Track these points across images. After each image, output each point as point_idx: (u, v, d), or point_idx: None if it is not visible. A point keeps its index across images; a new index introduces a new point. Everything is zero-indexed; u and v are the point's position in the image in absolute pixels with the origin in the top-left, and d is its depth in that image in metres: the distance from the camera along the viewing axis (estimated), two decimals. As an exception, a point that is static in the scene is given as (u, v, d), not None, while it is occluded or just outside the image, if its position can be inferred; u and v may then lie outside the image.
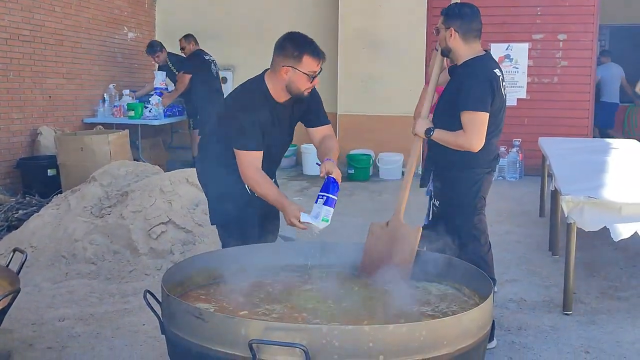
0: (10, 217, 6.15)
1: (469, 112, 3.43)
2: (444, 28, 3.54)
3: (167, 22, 10.62)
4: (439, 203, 3.70)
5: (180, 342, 2.50)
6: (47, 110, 7.91)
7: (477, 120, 3.42)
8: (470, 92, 3.42)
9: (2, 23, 7.06)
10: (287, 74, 3.28)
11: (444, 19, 3.56)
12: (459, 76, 3.53)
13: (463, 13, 3.56)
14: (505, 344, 3.78)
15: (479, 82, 3.43)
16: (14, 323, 3.88)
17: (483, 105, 3.43)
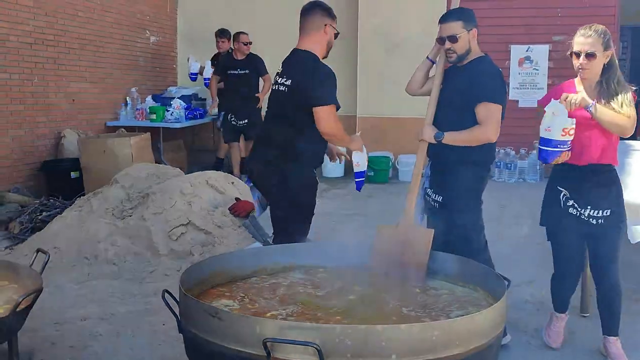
0: (34, 218, 6.26)
1: (487, 103, 3.53)
2: (467, 31, 3.61)
3: (188, 26, 10.74)
4: (441, 198, 3.70)
5: (197, 341, 2.56)
6: (70, 114, 8.05)
7: (495, 111, 3.53)
8: (488, 84, 3.55)
9: (27, 28, 7.20)
10: (329, 31, 3.89)
11: (463, 24, 3.63)
12: (468, 72, 3.61)
13: (474, 15, 3.73)
14: (521, 345, 3.79)
15: (494, 76, 3.61)
16: (38, 322, 3.96)
17: (500, 97, 3.57)
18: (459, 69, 3.69)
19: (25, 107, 7.25)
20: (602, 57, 3.37)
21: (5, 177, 6.99)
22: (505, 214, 7.10)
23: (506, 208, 7.28)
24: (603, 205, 3.44)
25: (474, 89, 3.55)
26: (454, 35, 3.60)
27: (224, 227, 5.15)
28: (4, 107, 6.91)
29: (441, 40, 3.67)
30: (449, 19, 3.65)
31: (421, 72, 3.89)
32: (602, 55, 3.36)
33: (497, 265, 4.93)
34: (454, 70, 3.71)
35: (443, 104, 3.65)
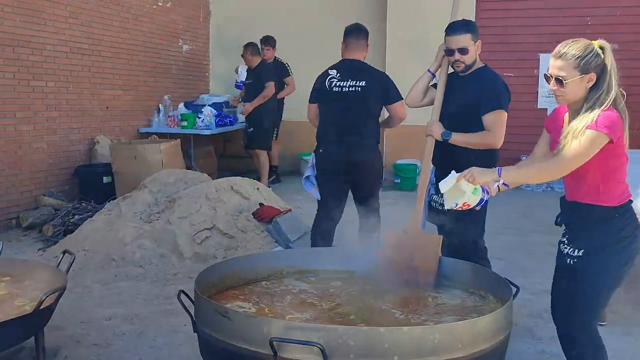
0: (67, 221, 6.46)
1: (497, 111, 3.67)
2: (474, 43, 3.76)
3: (221, 34, 10.92)
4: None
5: (209, 339, 2.67)
6: (104, 120, 8.27)
7: (502, 119, 3.70)
8: (495, 93, 3.70)
9: (63, 37, 7.43)
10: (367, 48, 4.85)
11: (472, 36, 3.76)
12: (474, 82, 3.74)
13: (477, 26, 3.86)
14: (536, 353, 3.81)
15: (500, 84, 3.75)
16: (65, 321, 4.12)
17: (505, 105, 3.72)
18: (462, 78, 3.80)
19: (61, 113, 7.47)
20: (578, 82, 2.79)
21: (41, 181, 7.21)
22: (526, 222, 7.10)
23: (531, 217, 7.27)
24: (579, 244, 2.92)
25: (484, 97, 3.67)
26: (465, 47, 3.72)
27: (248, 231, 5.26)
28: (40, 113, 7.14)
29: (450, 52, 3.77)
30: (459, 32, 3.75)
31: (422, 84, 4.02)
32: (578, 80, 2.78)
33: (517, 273, 4.98)
34: (458, 80, 3.81)
35: (450, 113, 3.74)
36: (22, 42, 6.82)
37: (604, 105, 2.79)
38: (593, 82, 2.81)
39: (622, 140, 2.82)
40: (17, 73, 6.78)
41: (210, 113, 9.21)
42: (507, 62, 9.76)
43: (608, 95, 2.80)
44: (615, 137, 2.75)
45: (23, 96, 6.88)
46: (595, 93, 2.81)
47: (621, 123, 2.79)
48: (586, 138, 2.74)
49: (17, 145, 6.86)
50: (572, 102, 2.87)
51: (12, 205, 6.82)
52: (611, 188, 2.87)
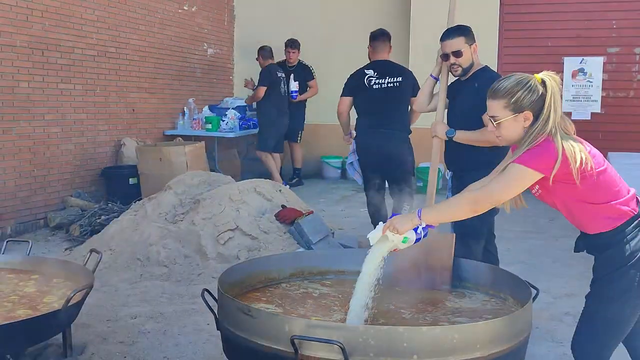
0: (93, 222, 6.57)
1: None
2: (469, 46, 3.86)
3: (245, 38, 11.01)
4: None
5: (232, 337, 2.72)
6: (130, 123, 8.39)
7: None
8: None
9: (91, 41, 7.56)
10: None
11: (466, 39, 3.86)
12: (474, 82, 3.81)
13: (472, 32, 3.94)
14: (557, 356, 3.81)
15: None
16: (91, 319, 4.21)
17: None
18: (463, 83, 3.91)
19: (88, 116, 7.61)
20: (512, 122, 2.65)
21: (68, 182, 7.35)
22: (552, 226, 7.07)
23: (555, 221, 7.24)
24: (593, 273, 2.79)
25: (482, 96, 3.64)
26: (459, 50, 3.83)
27: (270, 233, 5.32)
28: (67, 115, 7.28)
29: (445, 57, 3.88)
30: (452, 36, 3.86)
31: (427, 89, 4.12)
32: (511, 120, 2.65)
33: (540, 277, 4.97)
34: (459, 84, 3.93)
35: (455, 116, 3.85)
36: (51, 45, 6.97)
37: (536, 140, 2.61)
38: (530, 120, 2.64)
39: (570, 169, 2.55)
40: (46, 76, 6.92)
41: (234, 116, 9.32)
42: (531, 66, 9.61)
43: (544, 129, 2.61)
44: (546, 170, 2.56)
45: (52, 99, 7.03)
46: (531, 129, 2.64)
47: (554, 154, 2.55)
48: (507, 172, 2.64)
49: (45, 146, 7.00)
50: (513, 142, 2.73)
51: (40, 206, 6.96)
52: (594, 216, 2.65)
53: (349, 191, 9.53)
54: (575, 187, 2.59)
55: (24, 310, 3.21)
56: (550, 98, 2.63)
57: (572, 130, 2.69)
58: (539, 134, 2.61)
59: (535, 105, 2.63)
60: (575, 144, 2.60)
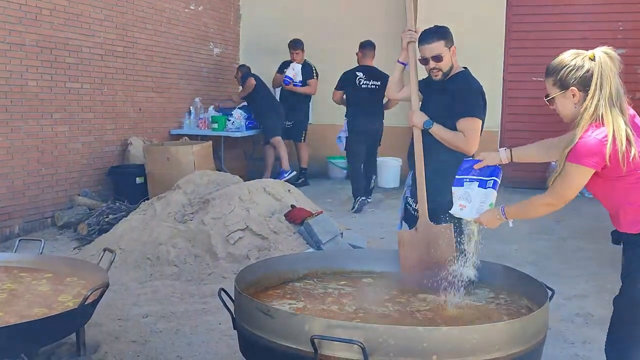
0: (101, 221, 6.58)
1: (469, 118, 3.69)
2: (448, 49, 3.73)
3: (250, 38, 11.03)
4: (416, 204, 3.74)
5: (250, 337, 2.72)
6: (137, 122, 8.40)
7: (476, 126, 3.72)
8: (468, 100, 3.72)
9: (98, 40, 7.57)
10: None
11: (445, 42, 3.73)
12: (450, 87, 3.74)
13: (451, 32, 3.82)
14: (569, 357, 3.82)
15: (475, 91, 3.76)
16: (103, 318, 4.21)
17: (480, 112, 3.74)
18: (440, 83, 3.79)
19: (95, 115, 7.61)
20: (562, 99, 2.75)
21: (75, 181, 7.35)
22: (560, 228, 7.07)
23: (562, 222, 7.24)
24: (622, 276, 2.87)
25: (457, 103, 3.69)
26: (439, 54, 3.70)
27: (280, 232, 5.32)
28: (75, 114, 7.28)
29: (424, 61, 3.75)
30: (432, 40, 3.72)
31: (396, 75, 3.99)
32: (560, 97, 2.75)
33: (549, 278, 4.97)
34: (436, 85, 3.81)
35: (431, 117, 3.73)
36: (60, 44, 6.98)
37: (580, 126, 2.66)
38: (577, 97, 2.70)
39: (617, 161, 2.60)
40: (54, 75, 6.93)
41: (240, 115, 9.33)
42: (538, 67, 9.67)
43: (592, 106, 2.65)
44: (597, 165, 2.63)
45: (60, 97, 7.03)
46: (581, 107, 2.69)
47: (602, 146, 2.60)
48: (566, 172, 2.71)
49: (53, 145, 7.00)
50: (569, 119, 2.80)
51: (48, 205, 6.97)
52: (628, 213, 2.74)
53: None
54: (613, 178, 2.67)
55: (39, 309, 3.21)
56: (598, 75, 2.65)
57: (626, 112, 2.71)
58: (588, 113, 2.66)
59: (582, 82, 2.69)
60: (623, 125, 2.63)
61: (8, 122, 6.40)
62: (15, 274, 3.79)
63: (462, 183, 3.23)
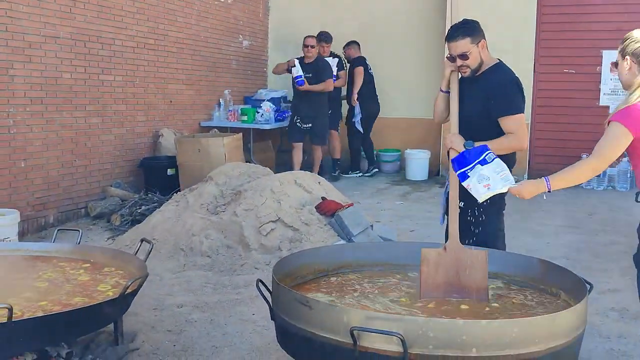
0: (134, 212, 6.67)
1: (511, 116, 3.62)
2: (475, 45, 3.64)
3: (279, 30, 11.05)
4: (463, 204, 3.61)
5: (288, 328, 2.75)
6: (168, 114, 8.47)
7: (522, 121, 3.66)
8: (508, 96, 3.64)
9: (130, 33, 7.64)
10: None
11: (472, 39, 3.63)
12: (484, 83, 3.67)
13: (480, 26, 3.72)
14: (604, 351, 3.80)
15: (512, 85, 3.69)
16: (139, 308, 4.27)
17: (520, 106, 3.69)
18: (474, 80, 3.71)
19: (127, 107, 7.69)
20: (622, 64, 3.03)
21: (108, 173, 7.45)
22: (592, 221, 7.01)
23: (594, 216, 7.18)
24: None
25: (494, 101, 3.60)
26: (464, 53, 3.61)
27: (311, 224, 5.35)
28: (107, 106, 7.37)
29: (452, 59, 3.67)
30: (457, 37, 3.63)
31: (440, 103, 3.87)
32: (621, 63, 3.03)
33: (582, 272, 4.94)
34: (470, 82, 3.72)
35: (465, 115, 3.62)
36: (93, 37, 7.06)
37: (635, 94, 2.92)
38: (631, 67, 2.98)
39: None
40: (87, 67, 7.02)
41: (269, 108, 9.36)
42: (568, 59, 9.64)
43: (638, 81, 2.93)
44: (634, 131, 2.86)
45: (93, 89, 7.12)
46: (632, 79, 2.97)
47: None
48: (608, 131, 2.93)
49: (86, 137, 7.10)
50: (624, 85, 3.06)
51: (81, 195, 7.07)
52: None
53: (383, 184, 9.54)
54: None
55: (80, 298, 3.27)
56: None
57: None
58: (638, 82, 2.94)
59: (636, 54, 2.96)
60: None
61: (43, 114, 6.50)
62: (54, 263, 3.86)
63: (466, 175, 3.18)
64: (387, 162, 10.61)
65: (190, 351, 3.69)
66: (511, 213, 4.14)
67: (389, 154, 10.59)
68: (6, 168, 6.13)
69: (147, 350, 3.68)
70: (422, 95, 10.12)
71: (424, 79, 10.06)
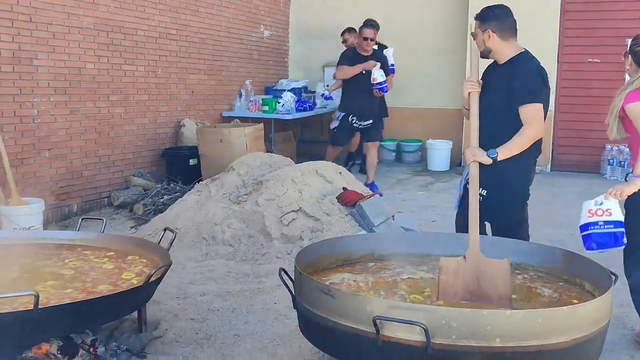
0: (156, 201, 6.72)
1: (528, 105, 3.68)
2: (481, 31, 3.80)
3: (300, 22, 11.03)
4: (486, 192, 3.72)
5: (310, 316, 2.76)
6: (189, 104, 8.51)
7: (537, 111, 3.70)
8: (527, 85, 3.70)
9: (152, 23, 7.67)
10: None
11: (479, 23, 3.82)
12: (507, 72, 3.76)
13: (496, 14, 3.83)
14: (629, 343, 3.76)
15: (532, 75, 3.74)
16: (162, 296, 4.31)
17: (539, 96, 3.73)
18: (496, 68, 3.87)
19: (150, 97, 7.74)
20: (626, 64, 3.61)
21: (131, 162, 7.51)
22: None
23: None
24: None
25: (513, 90, 3.70)
26: (473, 33, 3.87)
27: (332, 214, 5.35)
28: (130, 96, 7.42)
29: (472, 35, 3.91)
30: (475, 17, 3.91)
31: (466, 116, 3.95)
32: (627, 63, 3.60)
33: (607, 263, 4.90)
34: (493, 69, 3.89)
35: (486, 104, 3.69)
36: (115, 27, 7.10)
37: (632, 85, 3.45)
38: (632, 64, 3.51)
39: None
40: (110, 57, 7.06)
41: (290, 98, 9.36)
42: (593, 48, 9.52)
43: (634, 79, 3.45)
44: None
45: (116, 80, 7.17)
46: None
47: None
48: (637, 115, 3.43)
49: (109, 127, 7.15)
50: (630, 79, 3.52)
51: (105, 185, 7.14)
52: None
53: (404, 174, 9.51)
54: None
55: (104, 286, 3.31)
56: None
57: None
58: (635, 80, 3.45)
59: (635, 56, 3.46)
60: None
61: (67, 104, 6.56)
62: (79, 251, 3.92)
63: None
64: (408, 153, 10.58)
65: (213, 339, 3.71)
66: (533, 204, 4.11)
67: (411, 144, 10.56)
68: (31, 157, 6.20)
69: (170, 338, 3.71)
70: (443, 86, 10.08)
71: (446, 69, 10.00)
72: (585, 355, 2.60)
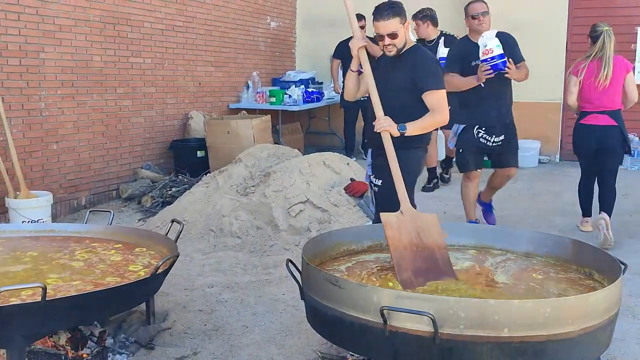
0: (164, 193, 6.72)
1: (434, 91, 3.79)
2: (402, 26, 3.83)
3: (307, 12, 10.98)
4: (381, 182, 3.90)
5: (318, 307, 2.75)
6: (197, 96, 8.50)
7: (443, 97, 3.83)
8: (429, 73, 3.81)
9: (159, 15, 7.66)
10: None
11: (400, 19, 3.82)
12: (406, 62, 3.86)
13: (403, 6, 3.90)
14: (637, 332, 3.74)
15: (433, 63, 3.92)
16: (170, 287, 4.32)
17: (442, 82, 3.85)
18: (394, 58, 3.88)
19: (157, 89, 7.73)
20: None
21: (138, 155, 7.52)
22: (625, 202, 6.89)
23: (628, 197, 7.05)
24: None
25: (417, 79, 3.79)
26: (395, 32, 3.78)
27: (340, 205, 5.34)
28: (137, 89, 7.42)
29: (380, 37, 3.82)
30: (386, 17, 3.77)
31: (352, 83, 4.01)
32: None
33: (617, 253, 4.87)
34: (391, 60, 3.90)
35: (390, 92, 3.77)
36: (122, 20, 7.09)
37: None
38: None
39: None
40: (117, 50, 7.06)
41: (297, 89, 9.33)
42: (602, 37, 9.42)
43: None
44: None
45: (123, 72, 7.17)
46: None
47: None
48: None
49: (117, 119, 7.16)
50: None
51: (113, 177, 7.15)
52: None
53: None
54: None
55: (112, 278, 3.30)
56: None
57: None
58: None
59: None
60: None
61: (74, 97, 6.57)
62: (87, 244, 3.91)
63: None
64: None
65: (221, 331, 3.72)
66: (543, 194, 4.09)
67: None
68: (39, 150, 6.22)
69: (179, 329, 3.72)
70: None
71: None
72: (595, 345, 2.58)
